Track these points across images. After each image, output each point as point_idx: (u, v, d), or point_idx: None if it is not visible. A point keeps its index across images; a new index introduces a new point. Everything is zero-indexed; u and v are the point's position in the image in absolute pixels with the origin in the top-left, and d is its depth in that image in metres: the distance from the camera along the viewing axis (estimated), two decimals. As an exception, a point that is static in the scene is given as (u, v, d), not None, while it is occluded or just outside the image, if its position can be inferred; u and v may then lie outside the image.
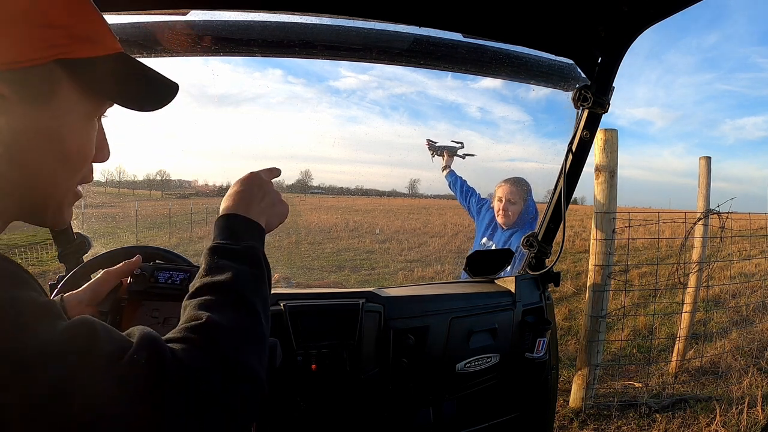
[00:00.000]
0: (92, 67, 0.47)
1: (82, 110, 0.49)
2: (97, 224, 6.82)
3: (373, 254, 9.77)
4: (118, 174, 34.50)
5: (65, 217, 0.53)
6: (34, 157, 0.46)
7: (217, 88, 3.50)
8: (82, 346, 0.37)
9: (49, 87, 0.45)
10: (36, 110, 0.44)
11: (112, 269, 0.78)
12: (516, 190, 2.08)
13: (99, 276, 0.77)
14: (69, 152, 0.48)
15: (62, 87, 0.46)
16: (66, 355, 0.36)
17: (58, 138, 0.47)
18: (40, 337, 0.36)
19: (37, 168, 0.46)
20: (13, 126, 0.43)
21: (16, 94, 0.42)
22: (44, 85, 0.44)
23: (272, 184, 0.70)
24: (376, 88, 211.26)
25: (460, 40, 1.17)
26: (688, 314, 3.13)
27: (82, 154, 0.50)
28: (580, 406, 2.60)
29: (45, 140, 0.46)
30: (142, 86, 0.53)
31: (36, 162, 0.46)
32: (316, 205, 29.59)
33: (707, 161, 3.10)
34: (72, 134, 0.48)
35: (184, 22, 1.07)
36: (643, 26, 1.01)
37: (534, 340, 1.41)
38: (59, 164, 0.48)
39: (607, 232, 2.58)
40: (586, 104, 1.19)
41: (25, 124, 0.44)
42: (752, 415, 2.46)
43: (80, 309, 0.73)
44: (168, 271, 0.81)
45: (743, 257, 4.97)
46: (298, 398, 1.20)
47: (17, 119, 0.43)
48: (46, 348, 0.36)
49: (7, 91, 0.42)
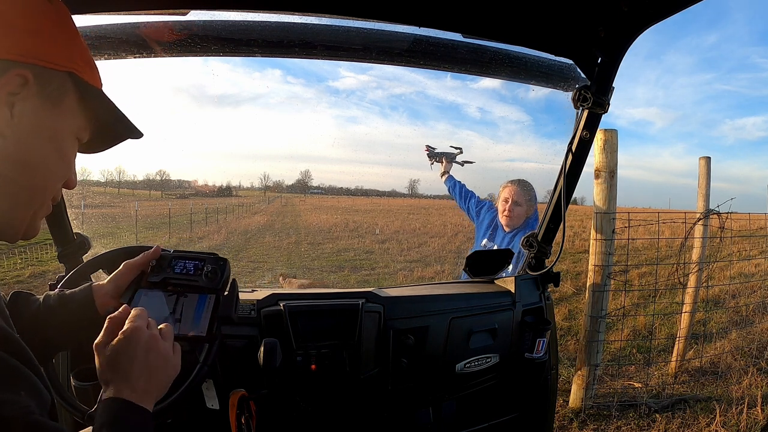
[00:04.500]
0: (91, 91, 0.58)
1: (76, 124, 0.57)
2: (97, 224, 6.83)
3: (372, 254, 9.77)
4: (118, 174, 34.33)
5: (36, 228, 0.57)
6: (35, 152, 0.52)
7: (216, 88, 3.52)
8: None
9: (60, 93, 0.54)
10: (45, 107, 0.52)
11: (131, 261, 0.81)
12: (522, 192, 2.07)
13: (120, 270, 0.79)
14: (59, 156, 0.55)
15: (69, 97, 0.55)
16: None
17: (54, 139, 0.54)
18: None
19: (36, 163, 0.52)
20: (25, 114, 0.50)
21: (36, 86, 0.50)
22: (57, 89, 0.53)
23: (157, 336, 0.61)
24: (376, 89, 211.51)
25: (460, 41, 1.17)
26: (688, 314, 3.13)
27: (66, 165, 0.57)
28: (580, 406, 2.60)
29: (46, 138, 0.53)
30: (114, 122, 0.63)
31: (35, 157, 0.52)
32: (316, 205, 29.57)
33: (707, 161, 3.10)
34: (63, 141, 0.56)
35: (184, 22, 1.07)
36: (643, 26, 1.01)
37: (534, 340, 1.41)
38: (50, 164, 0.54)
39: (606, 232, 2.58)
40: (585, 104, 1.19)
41: (33, 117, 0.51)
42: (752, 415, 2.46)
43: (106, 300, 0.77)
44: (183, 260, 0.83)
45: (743, 257, 4.97)
46: (297, 398, 1.20)
47: (30, 109, 0.50)
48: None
49: (31, 79, 0.50)
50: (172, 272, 0.81)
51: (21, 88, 0.49)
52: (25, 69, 0.49)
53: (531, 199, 2.07)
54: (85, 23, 0.97)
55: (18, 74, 0.48)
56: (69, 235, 1.24)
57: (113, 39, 1.06)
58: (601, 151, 2.55)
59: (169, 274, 0.81)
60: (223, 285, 0.82)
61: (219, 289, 0.81)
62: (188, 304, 0.78)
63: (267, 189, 62.23)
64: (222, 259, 0.84)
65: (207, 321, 0.77)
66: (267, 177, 71.12)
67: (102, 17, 0.99)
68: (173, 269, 0.81)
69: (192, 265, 0.82)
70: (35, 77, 0.50)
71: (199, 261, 0.83)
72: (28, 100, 0.50)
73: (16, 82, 0.48)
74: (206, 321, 0.77)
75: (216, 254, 0.85)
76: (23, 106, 0.50)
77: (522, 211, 2.06)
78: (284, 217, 21.75)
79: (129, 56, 1.11)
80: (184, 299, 0.78)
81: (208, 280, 0.81)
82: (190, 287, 0.80)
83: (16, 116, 0.49)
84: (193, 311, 0.78)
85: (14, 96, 0.49)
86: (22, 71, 0.49)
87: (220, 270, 0.82)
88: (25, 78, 0.49)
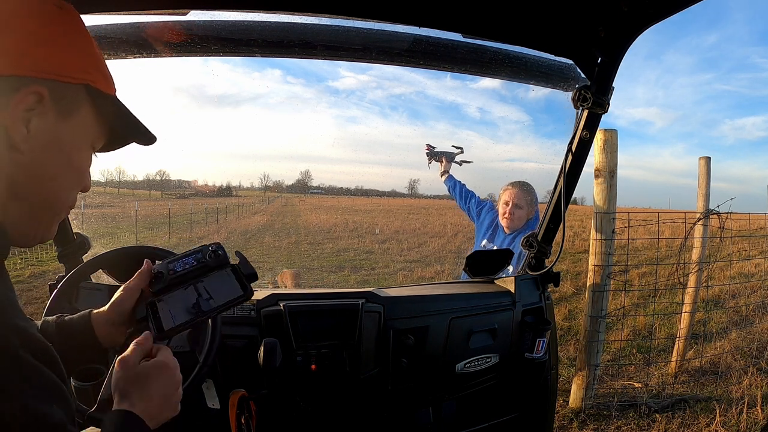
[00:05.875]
0: (106, 100, 0.58)
1: (90, 134, 0.58)
2: (97, 224, 6.82)
3: (372, 254, 9.76)
4: (118, 174, 34.29)
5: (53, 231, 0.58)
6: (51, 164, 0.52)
7: (216, 88, 3.52)
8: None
9: (75, 105, 0.54)
10: (60, 121, 0.52)
11: (128, 285, 0.76)
12: (523, 195, 2.06)
13: (119, 295, 0.74)
14: (73, 168, 0.56)
15: (83, 108, 0.55)
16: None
17: (68, 151, 0.54)
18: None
19: (52, 175, 0.53)
20: (41, 129, 0.50)
21: (52, 101, 0.50)
22: (72, 102, 0.53)
23: (180, 380, 0.65)
24: (376, 89, 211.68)
25: (460, 41, 1.17)
26: (688, 314, 3.13)
27: (81, 174, 0.58)
28: (580, 406, 2.60)
29: (61, 151, 0.53)
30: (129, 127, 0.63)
31: (51, 169, 0.53)
32: (316, 205, 29.56)
33: (707, 161, 3.10)
34: (79, 153, 0.56)
35: (184, 22, 1.07)
36: (643, 26, 1.01)
37: (534, 340, 1.41)
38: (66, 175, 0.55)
39: (606, 232, 2.58)
40: (585, 104, 1.19)
41: (49, 131, 0.51)
42: (752, 415, 2.46)
43: (111, 329, 0.73)
44: (180, 259, 0.82)
45: (743, 257, 4.97)
46: (297, 398, 1.20)
47: (45, 124, 0.50)
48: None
49: (46, 96, 0.49)
50: (175, 273, 0.81)
51: (37, 105, 0.49)
52: (41, 86, 0.49)
53: (532, 202, 2.07)
54: (85, 23, 0.97)
55: (34, 91, 0.48)
56: (69, 235, 1.24)
57: (113, 39, 1.06)
58: (601, 151, 2.55)
59: (172, 276, 0.80)
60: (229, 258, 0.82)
61: (229, 263, 0.82)
62: (210, 283, 0.78)
63: (267, 189, 62.26)
64: (214, 243, 0.84)
65: (237, 284, 0.78)
66: (267, 177, 71.18)
67: (102, 17, 0.99)
68: (174, 270, 0.81)
69: (192, 258, 0.82)
70: (50, 92, 0.50)
71: (196, 252, 0.83)
72: (44, 115, 0.50)
73: (32, 99, 0.48)
74: (236, 284, 0.78)
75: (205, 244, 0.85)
76: (39, 122, 0.49)
77: (523, 213, 2.06)
78: (284, 217, 21.75)
79: (129, 56, 1.11)
80: (203, 282, 0.78)
81: (214, 259, 0.81)
82: (201, 272, 0.80)
83: (32, 131, 0.49)
84: (219, 285, 0.78)
85: (30, 112, 0.49)
86: (38, 88, 0.49)
87: (220, 249, 0.82)
88: (40, 95, 0.49)
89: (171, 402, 0.63)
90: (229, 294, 0.77)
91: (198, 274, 0.80)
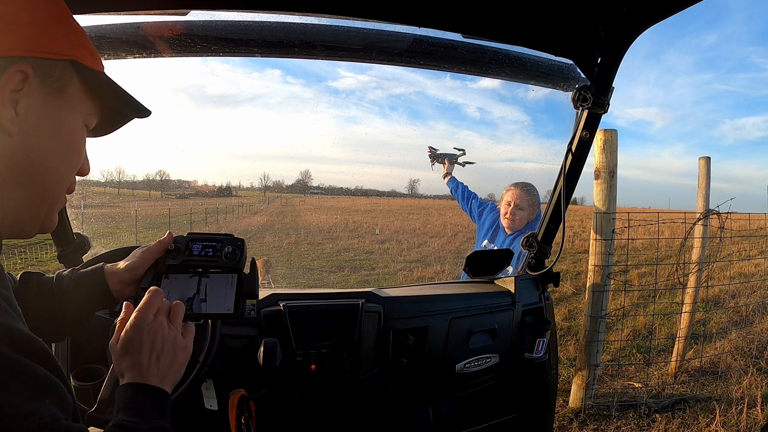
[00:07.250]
0: (95, 75, 0.56)
1: (82, 112, 0.56)
2: (97, 224, 6.81)
3: (372, 254, 9.76)
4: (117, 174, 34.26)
5: (54, 220, 0.57)
6: (44, 146, 0.51)
7: (216, 88, 3.52)
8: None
9: (63, 83, 0.52)
10: (50, 100, 0.51)
11: (147, 248, 0.79)
12: (525, 196, 2.07)
13: (136, 256, 0.77)
14: (69, 147, 0.54)
15: (72, 86, 0.54)
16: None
17: (61, 131, 0.53)
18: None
19: (46, 157, 0.52)
20: (30, 109, 0.49)
21: (38, 79, 0.49)
22: (60, 79, 0.52)
23: (163, 321, 0.62)
24: (375, 89, 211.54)
25: (460, 41, 1.17)
26: (688, 314, 3.13)
27: (76, 155, 0.56)
28: (580, 406, 2.60)
29: (53, 131, 0.52)
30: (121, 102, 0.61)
31: (45, 151, 0.51)
32: (316, 205, 29.55)
33: (707, 161, 3.10)
34: (72, 132, 0.55)
35: (184, 22, 1.07)
36: (643, 26, 1.01)
37: (533, 340, 1.41)
38: (61, 156, 0.53)
39: (606, 232, 2.58)
40: (585, 104, 1.19)
41: (38, 112, 0.50)
42: (752, 415, 2.46)
43: (122, 286, 0.75)
44: (200, 242, 0.82)
45: (743, 257, 4.97)
46: (297, 398, 1.20)
47: (34, 104, 0.49)
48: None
49: (31, 74, 0.48)
50: (191, 254, 0.81)
51: (23, 84, 0.47)
52: (24, 63, 0.47)
53: (534, 203, 2.07)
54: (85, 23, 0.97)
55: (18, 70, 0.47)
56: (69, 235, 1.24)
57: (113, 39, 1.06)
58: (601, 151, 2.55)
59: (187, 256, 0.81)
60: (243, 264, 0.82)
61: (240, 268, 0.82)
62: (212, 284, 0.79)
63: (267, 189, 62.21)
64: (239, 239, 0.83)
65: (233, 299, 0.78)
66: (267, 177, 71.10)
67: (102, 17, 0.99)
68: (191, 251, 0.81)
69: (210, 247, 0.82)
70: (35, 70, 0.48)
71: (217, 242, 0.83)
72: (32, 95, 0.48)
73: (17, 78, 0.47)
74: (231, 299, 0.78)
75: (232, 235, 0.85)
76: (27, 103, 0.48)
77: (525, 215, 2.06)
78: (284, 217, 21.74)
79: (129, 56, 1.11)
80: (207, 280, 0.79)
81: (228, 260, 0.81)
82: (211, 268, 0.80)
83: (21, 113, 0.48)
84: (218, 290, 0.78)
85: (17, 93, 0.47)
86: (22, 66, 0.47)
87: (239, 250, 0.82)
88: (25, 73, 0.47)
89: (165, 350, 0.60)
90: (219, 306, 0.77)
91: (208, 267, 0.80)
